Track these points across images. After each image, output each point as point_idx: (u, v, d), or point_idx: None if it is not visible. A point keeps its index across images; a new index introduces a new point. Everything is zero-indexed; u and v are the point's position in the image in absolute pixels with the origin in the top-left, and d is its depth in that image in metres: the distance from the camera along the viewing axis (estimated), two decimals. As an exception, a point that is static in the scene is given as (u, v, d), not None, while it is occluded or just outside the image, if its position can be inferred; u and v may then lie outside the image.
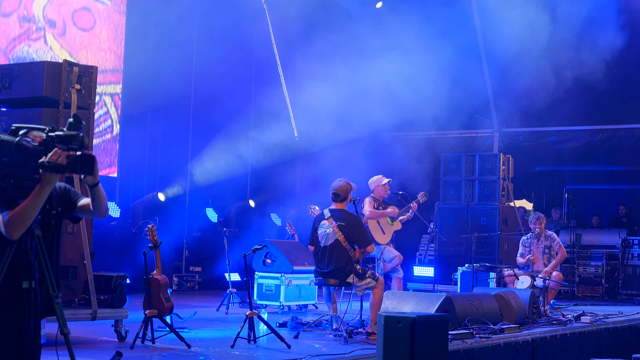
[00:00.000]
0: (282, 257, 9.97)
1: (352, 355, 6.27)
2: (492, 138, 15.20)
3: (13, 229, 3.25)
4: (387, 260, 9.21)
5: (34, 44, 11.31)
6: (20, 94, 7.00)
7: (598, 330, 8.59)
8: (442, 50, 13.04)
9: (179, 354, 6.31)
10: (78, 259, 6.94)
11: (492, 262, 11.90)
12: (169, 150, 13.97)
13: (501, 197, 13.04)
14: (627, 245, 13.36)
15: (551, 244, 10.55)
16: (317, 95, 12.93)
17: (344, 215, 7.53)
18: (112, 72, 12.65)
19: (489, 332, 7.29)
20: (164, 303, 6.83)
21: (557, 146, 15.05)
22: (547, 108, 14.36)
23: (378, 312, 7.45)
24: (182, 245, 13.95)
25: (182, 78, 13.64)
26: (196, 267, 13.83)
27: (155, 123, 13.95)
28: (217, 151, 14.00)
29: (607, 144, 14.59)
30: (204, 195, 14.38)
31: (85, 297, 6.85)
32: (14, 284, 3.32)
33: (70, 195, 3.54)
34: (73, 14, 11.96)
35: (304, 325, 7.91)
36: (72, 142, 3.28)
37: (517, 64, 13.08)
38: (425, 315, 5.37)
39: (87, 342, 6.78)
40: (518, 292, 8.83)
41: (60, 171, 3.25)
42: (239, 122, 14.69)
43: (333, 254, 7.42)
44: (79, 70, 7.06)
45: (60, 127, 3.35)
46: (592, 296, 13.24)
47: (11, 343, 3.31)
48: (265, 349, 6.83)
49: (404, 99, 13.20)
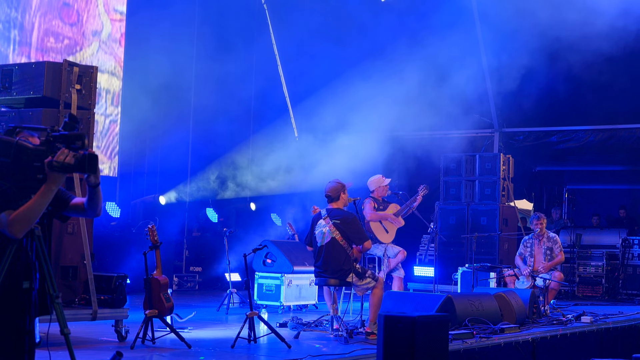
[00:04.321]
0: (283, 257, 9.97)
1: (353, 355, 6.26)
2: (492, 138, 15.20)
3: (18, 228, 3.25)
4: (391, 256, 9.21)
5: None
6: (21, 94, 6.99)
7: (598, 330, 8.59)
8: (442, 49, 13.04)
9: (179, 354, 6.31)
10: (78, 259, 6.94)
11: (493, 262, 11.90)
12: (169, 150, 13.96)
13: (501, 197, 13.04)
14: (627, 245, 13.36)
15: (553, 247, 10.55)
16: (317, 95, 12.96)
17: (340, 213, 7.55)
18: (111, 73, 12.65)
19: (489, 332, 7.29)
20: (164, 303, 6.82)
21: (557, 146, 15.05)
22: (547, 108, 14.37)
23: (378, 312, 7.49)
24: (183, 245, 13.95)
25: (183, 78, 13.65)
26: (196, 267, 13.84)
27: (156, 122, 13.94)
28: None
29: (607, 144, 14.59)
30: (205, 196, 14.40)
31: (86, 297, 6.85)
32: (14, 283, 3.32)
33: (61, 194, 3.52)
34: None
35: (304, 325, 7.91)
36: (75, 142, 3.28)
37: (518, 64, 13.08)
38: (426, 315, 5.37)
39: (87, 342, 6.77)
40: (518, 292, 8.84)
41: (68, 171, 3.26)
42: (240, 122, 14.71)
43: (330, 253, 7.43)
44: (79, 70, 7.06)
45: (57, 127, 3.35)
46: (592, 296, 13.23)
47: (9, 342, 3.31)
48: (266, 349, 6.83)
49: (404, 99, 13.21)
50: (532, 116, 14.53)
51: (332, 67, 13.87)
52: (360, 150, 12.90)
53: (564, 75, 13.69)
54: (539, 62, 13.20)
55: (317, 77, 14.18)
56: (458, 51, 13.52)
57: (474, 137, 15.45)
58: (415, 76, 12.96)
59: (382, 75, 13.21)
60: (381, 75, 13.23)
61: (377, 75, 13.25)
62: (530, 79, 13.29)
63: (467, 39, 13.98)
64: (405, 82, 13.05)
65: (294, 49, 15.02)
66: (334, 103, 13.47)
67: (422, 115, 13.49)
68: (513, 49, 12.91)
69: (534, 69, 13.20)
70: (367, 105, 13.30)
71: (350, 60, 14.07)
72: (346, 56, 14.04)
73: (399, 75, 13.06)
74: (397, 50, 13.36)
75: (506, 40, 12.90)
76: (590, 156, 15.50)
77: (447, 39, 13.26)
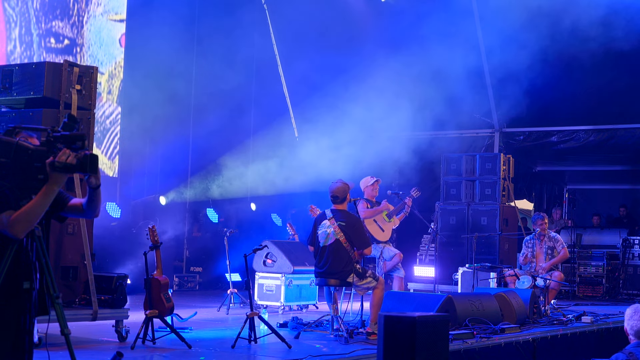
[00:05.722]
0: (283, 257, 9.97)
1: (353, 356, 6.27)
2: (493, 138, 15.21)
3: (19, 228, 3.25)
4: (387, 258, 9.22)
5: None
6: (21, 94, 6.99)
7: (599, 330, 8.59)
8: (442, 49, 13.04)
9: (180, 354, 6.31)
10: (78, 259, 6.94)
11: (493, 262, 11.90)
12: (169, 150, 13.95)
13: (502, 197, 13.04)
14: (628, 245, 13.36)
15: (554, 245, 10.54)
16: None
17: (345, 216, 7.54)
18: (112, 74, 12.66)
19: (489, 332, 7.29)
20: (164, 303, 6.82)
21: (557, 146, 15.06)
22: (547, 108, 14.37)
23: (378, 312, 7.48)
24: (183, 246, 13.95)
25: (183, 78, 13.64)
26: (197, 268, 13.83)
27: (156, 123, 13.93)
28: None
29: (607, 144, 14.59)
30: (206, 196, 14.40)
31: (86, 298, 6.85)
32: (15, 284, 3.32)
33: (59, 194, 3.51)
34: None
35: (304, 325, 7.91)
36: (75, 142, 3.28)
37: (518, 64, 13.08)
38: (426, 315, 5.37)
39: (87, 343, 6.78)
40: (519, 292, 8.83)
41: (70, 171, 3.26)
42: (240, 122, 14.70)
43: (333, 254, 7.42)
44: (79, 70, 7.06)
45: (57, 128, 3.34)
46: (592, 296, 13.23)
47: (9, 342, 3.31)
48: (266, 349, 6.83)
49: (404, 98, 13.21)
50: (532, 116, 14.52)
51: (332, 67, 13.86)
52: (360, 150, 12.90)
53: (564, 75, 13.69)
54: (540, 62, 13.20)
55: (317, 77, 14.17)
56: (458, 51, 13.52)
57: (474, 137, 15.45)
58: (416, 76, 12.96)
59: (382, 75, 13.20)
60: (381, 75, 13.22)
61: (377, 75, 13.24)
62: (530, 79, 13.29)
63: (467, 38, 13.98)
64: (406, 82, 13.05)
65: (295, 48, 15.01)
66: (334, 103, 13.46)
67: (422, 115, 13.49)
68: (513, 49, 12.91)
69: (534, 69, 13.20)
70: (367, 105, 13.30)
71: (350, 60, 14.06)
72: (346, 56, 14.03)
73: (399, 75, 13.05)
74: (397, 50, 13.35)
75: (506, 40, 12.90)
76: (590, 156, 15.51)
77: (447, 39, 13.26)
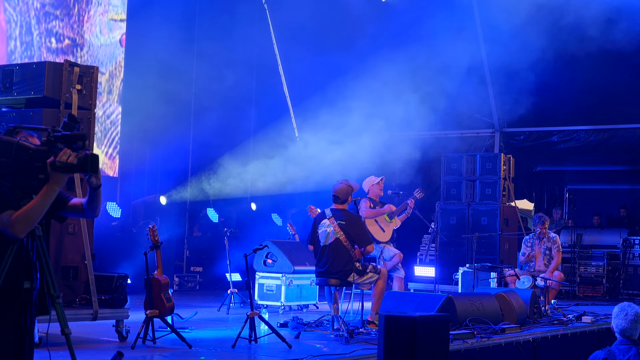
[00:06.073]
0: (283, 257, 9.97)
1: (353, 355, 6.26)
2: (493, 138, 15.21)
3: (20, 228, 3.25)
4: (387, 258, 9.22)
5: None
6: (21, 94, 6.99)
7: (599, 330, 8.59)
8: (442, 49, 13.04)
9: (180, 354, 6.31)
10: (79, 259, 6.94)
11: (493, 262, 11.90)
12: (170, 150, 13.96)
13: (502, 197, 13.04)
14: (628, 245, 13.36)
15: (552, 247, 10.56)
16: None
17: (345, 214, 7.55)
18: (112, 74, 12.66)
19: (490, 332, 7.29)
20: (165, 303, 6.83)
21: (557, 146, 15.06)
22: (547, 108, 14.37)
23: (380, 303, 7.49)
24: (183, 246, 13.95)
25: (183, 78, 13.65)
26: (197, 267, 13.84)
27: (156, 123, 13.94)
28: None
29: (608, 144, 14.59)
30: (206, 196, 14.40)
31: (86, 297, 6.85)
32: (15, 283, 3.32)
33: (59, 194, 3.50)
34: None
35: (305, 325, 7.91)
36: (76, 142, 3.28)
37: (519, 64, 13.08)
38: (426, 315, 5.36)
39: (88, 342, 6.78)
40: (519, 292, 8.84)
41: (71, 171, 3.26)
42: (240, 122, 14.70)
43: (333, 253, 7.43)
44: (79, 70, 7.07)
45: (57, 127, 3.34)
46: (593, 296, 13.23)
47: (9, 342, 3.31)
48: (266, 349, 6.83)
49: (404, 98, 13.20)
50: (532, 116, 14.52)
51: (332, 66, 13.86)
52: (360, 150, 12.90)
53: (564, 75, 13.68)
54: (540, 62, 13.20)
55: (318, 76, 14.18)
56: (459, 51, 13.52)
57: (474, 137, 15.46)
58: (416, 76, 12.95)
59: (382, 75, 13.20)
60: (381, 75, 13.22)
61: (377, 75, 13.24)
62: (530, 79, 13.29)
63: (467, 38, 13.98)
64: (406, 82, 13.05)
65: (295, 48, 15.01)
66: (334, 103, 13.46)
67: (422, 115, 13.49)
68: (514, 49, 12.91)
69: (535, 69, 13.21)
70: (367, 105, 13.30)
71: (350, 59, 14.06)
72: (347, 56, 14.03)
73: (399, 75, 13.04)
74: (397, 49, 13.34)
75: (507, 40, 12.90)
76: (590, 156, 15.50)
77: (448, 39, 13.26)
